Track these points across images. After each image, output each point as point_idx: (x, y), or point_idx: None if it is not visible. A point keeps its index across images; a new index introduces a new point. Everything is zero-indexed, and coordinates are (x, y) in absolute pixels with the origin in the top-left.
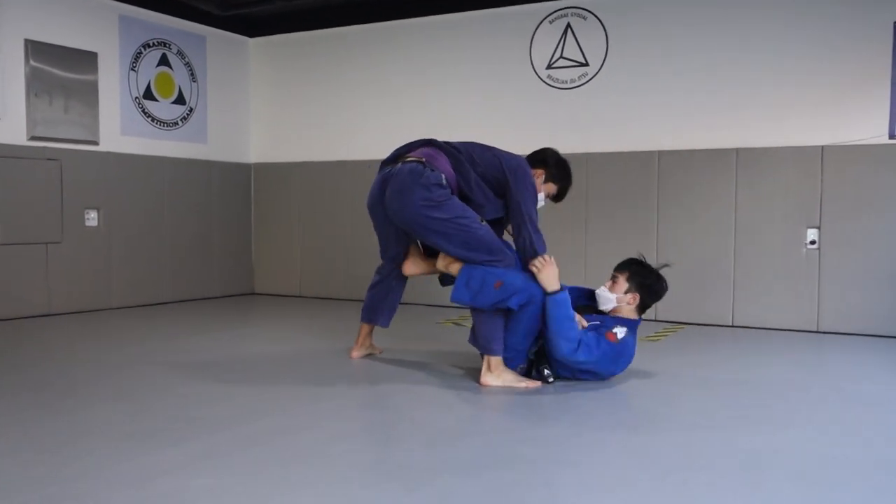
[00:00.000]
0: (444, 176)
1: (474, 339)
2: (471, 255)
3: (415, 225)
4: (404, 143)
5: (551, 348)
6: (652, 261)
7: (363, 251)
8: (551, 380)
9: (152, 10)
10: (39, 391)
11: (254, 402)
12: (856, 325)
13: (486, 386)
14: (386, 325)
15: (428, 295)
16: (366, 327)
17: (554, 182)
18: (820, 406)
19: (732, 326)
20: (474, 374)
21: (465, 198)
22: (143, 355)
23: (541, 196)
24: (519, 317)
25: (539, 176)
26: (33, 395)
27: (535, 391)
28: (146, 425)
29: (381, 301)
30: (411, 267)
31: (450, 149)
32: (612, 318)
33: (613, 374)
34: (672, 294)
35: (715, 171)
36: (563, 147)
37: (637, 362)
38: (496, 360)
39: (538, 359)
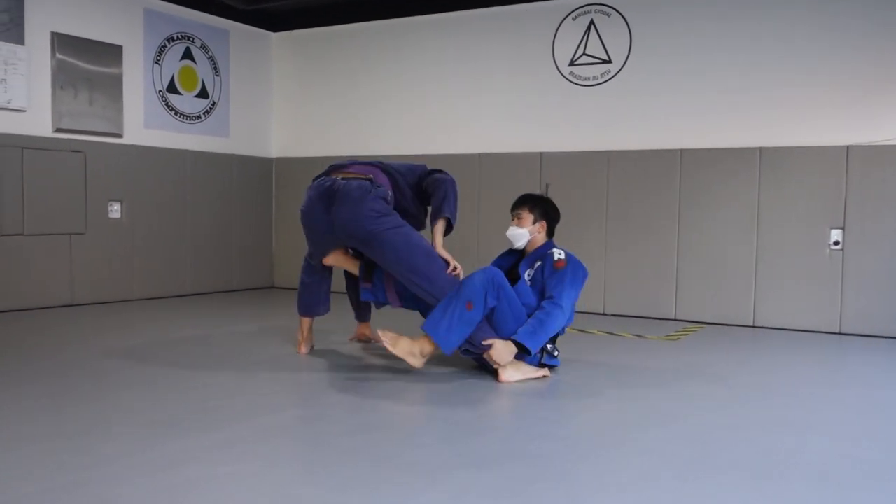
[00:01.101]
0: (389, 192)
1: (469, 348)
2: (407, 259)
3: (359, 234)
4: (417, 138)
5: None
6: (671, 265)
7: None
8: (557, 353)
9: (177, 3)
10: (65, 379)
11: (275, 394)
12: (878, 327)
13: (505, 382)
14: (327, 311)
15: None
16: (308, 321)
17: None
18: (840, 408)
19: (753, 327)
20: (491, 370)
21: (401, 210)
22: (165, 346)
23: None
24: (499, 307)
25: None
26: (60, 382)
27: (553, 386)
28: (170, 413)
29: (317, 295)
30: (333, 259)
31: (382, 165)
32: (535, 254)
33: (586, 276)
34: (692, 293)
35: (738, 170)
36: (585, 144)
37: (656, 360)
38: None
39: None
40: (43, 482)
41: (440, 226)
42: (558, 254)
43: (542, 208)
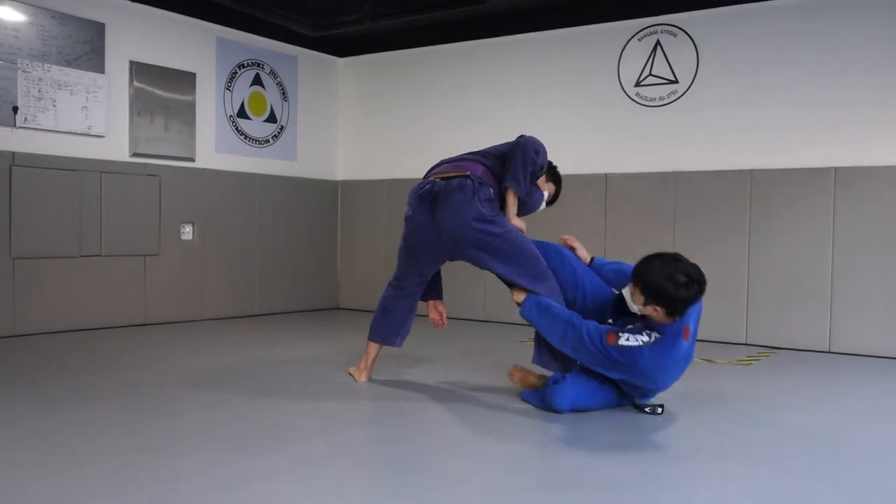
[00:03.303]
0: (492, 190)
1: (550, 359)
2: (517, 269)
3: (465, 241)
4: None
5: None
6: (742, 288)
7: (444, 267)
8: (660, 411)
9: (248, 31)
10: (140, 396)
11: (342, 413)
12: None
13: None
14: (401, 345)
15: (508, 313)
16: (377, 348)
17: (553, 182)
18: None
19: (829, 352)
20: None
21: (504, 199)
22: (235, 366)
23: (545, 194)
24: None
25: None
26: (135, 400)
27: (625, 411)
28: (241, 431)
29: (399, 324)
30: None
31: (476, 156)
32: (644, 322)
33: (638, 385)
34: (764, 317)
35: (811, 191)
36: (651, 166)
37: (728, 385)
38: None
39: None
40: (120, 497)
41: (509, 196)
42: (632, 339)
43: (656, 292)
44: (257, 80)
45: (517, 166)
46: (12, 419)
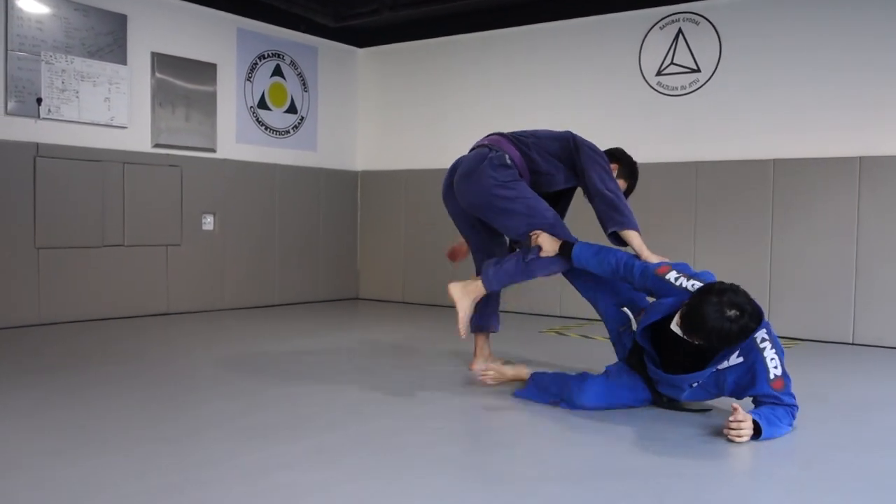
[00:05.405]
0: (507, 156)
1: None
2: (526, 222)
3: (482, 205)
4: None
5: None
6: (764, 280)
7: (467, 258)
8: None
9: (268, 22)
10: (163, 386)
11: (362, 404)
12: None
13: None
14: (497, 328)
15: (528, 303)
16: (480, 337)
17: (625, 179)
18: None
19: (852, 344)
20: None
21: (534, 172)
22: (256, 355)
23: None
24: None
25: (614, 169)
26: (157, 389)
27: (648, 404)
28: (262, 421)
29: (484, 306)
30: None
31: (511, 135)
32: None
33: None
34: (786, 308)
35: (835, 181)
36: (674, 155)
37: None
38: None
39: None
40: (142, 484)
41: (632, 239)
42: (773, 361)
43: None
44: (278, 71)
45: (608, 202)
46: (35, 407)
